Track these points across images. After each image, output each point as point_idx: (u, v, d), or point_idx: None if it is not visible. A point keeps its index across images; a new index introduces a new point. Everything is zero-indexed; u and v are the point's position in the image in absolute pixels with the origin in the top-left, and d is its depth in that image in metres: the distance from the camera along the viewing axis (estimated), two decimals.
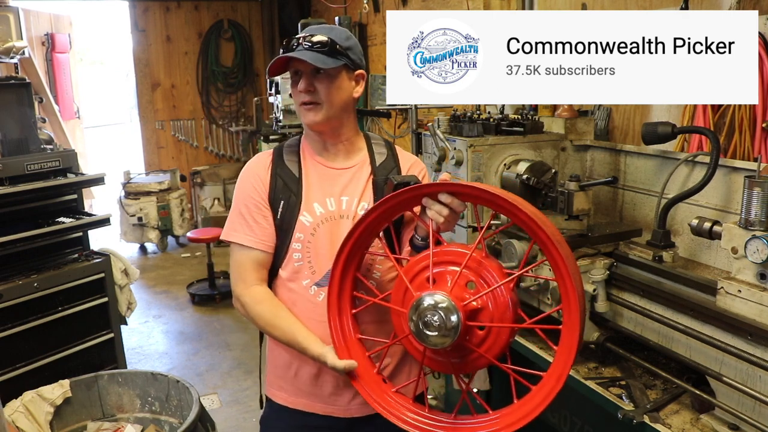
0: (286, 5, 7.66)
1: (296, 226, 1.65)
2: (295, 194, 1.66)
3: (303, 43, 1.57)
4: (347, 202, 1.68)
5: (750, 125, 2.16)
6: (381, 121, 5.37)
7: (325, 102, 1.61)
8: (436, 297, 1.27)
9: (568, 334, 1.25)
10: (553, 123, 2.55)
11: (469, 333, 1.31)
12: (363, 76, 1.69)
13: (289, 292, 1.69)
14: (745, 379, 1.52)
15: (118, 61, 18.17)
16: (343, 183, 1.70)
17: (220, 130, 8.10)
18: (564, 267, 1.21)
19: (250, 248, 1.67)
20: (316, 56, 1.56)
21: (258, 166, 1.72)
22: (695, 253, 2.06)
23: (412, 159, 1.81)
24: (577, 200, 1.99)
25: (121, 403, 2.58)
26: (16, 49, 4.41)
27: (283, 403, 1.77)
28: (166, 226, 7.02)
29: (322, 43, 1.57)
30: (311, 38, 1.57)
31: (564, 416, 2.22)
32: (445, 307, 1.26)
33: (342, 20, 4.91)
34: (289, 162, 1.71)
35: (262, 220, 1.67)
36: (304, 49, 1.56)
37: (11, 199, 3.17)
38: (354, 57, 1.63)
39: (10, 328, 3.06)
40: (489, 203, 1.32)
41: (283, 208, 1.66)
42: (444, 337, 1.27)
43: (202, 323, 5.18)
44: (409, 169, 1.76)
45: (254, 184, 1.68)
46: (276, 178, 1.68)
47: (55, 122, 6.40)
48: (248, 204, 1.68)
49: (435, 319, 1.26)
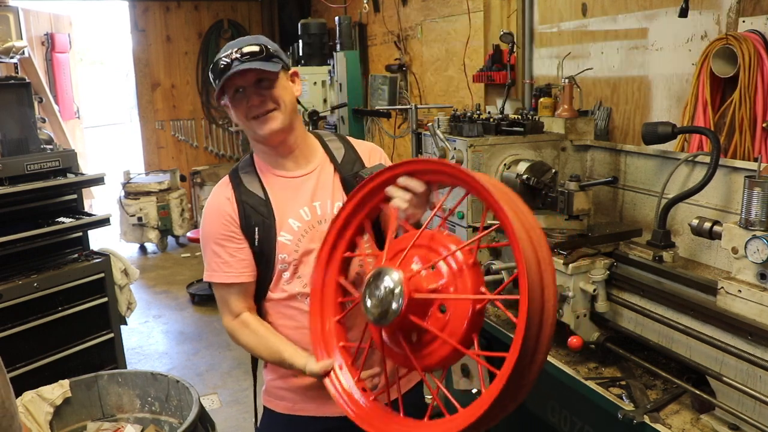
0: (286, 5, 7.66)
1: (277, 248, 1.63)
2: (267, 217, 1.63)
3: (237, 58, 1.54)
4: (321, 206, 1.67)
5: (750, 125, 2.16)
6: (381, 121, 5.37)
7: (280, 105, 1.60)
8: (384, 270, 1.23)
9: (523, 302, 1.07)
10: (553, 123, 2.55)
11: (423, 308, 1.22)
12: (297, 74, 1.69)
13: (285, 309, 1.68)
14: (746, 379, 1.52)
15: (118, 61, 18.17)
16: (310, 189, 1.68)
17: (220, 130, 8.10)
18: (510, 227, 1.10)
19: (232, 284, 1.66)
20: (261, 63, 1.55)
21: (221, 200, 1.67)
22: (695, 253, 2.06)
23: (368, 146, 1.80)
24: (577, 200, 1.99)
25: (121, 403, 2.58)
26: (15, 49, 4.40)
27: (287, 412, 1.76)
28: (166, 226, 7.02)
29: (253, 52, 1.55)
30: (242, 50, 1.55)
31: (564, 416, 2.22)
32: (390, 276, 1.21)
33: (342, 20, 4.90)
34: (249, 185, 1.67)
35: (237, 252, 1.64)
36: (240, 62, 1.54)
37: (11, 199, 3.17)
38: (284, 57, 1.64)
39: (10, 328, 3.07)
40: (440, 175, 1.29)
41: (260, 234, 1.63)
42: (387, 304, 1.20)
43: (202, 323, 5.18)
44: (369, 157, 1.76)
45: (222, 221, 1.64)
46: (243, 206, 1.64)
47: (54, 122, 6.40)
48: (221, 242, 1.64)
49: (380, 290, 1.22)
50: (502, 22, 3.81)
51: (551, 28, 3.34)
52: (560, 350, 2.04)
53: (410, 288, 1.20)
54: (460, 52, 4.33)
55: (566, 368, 1.96)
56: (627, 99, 2.88)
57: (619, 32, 2.88)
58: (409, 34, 5.21)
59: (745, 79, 2.14)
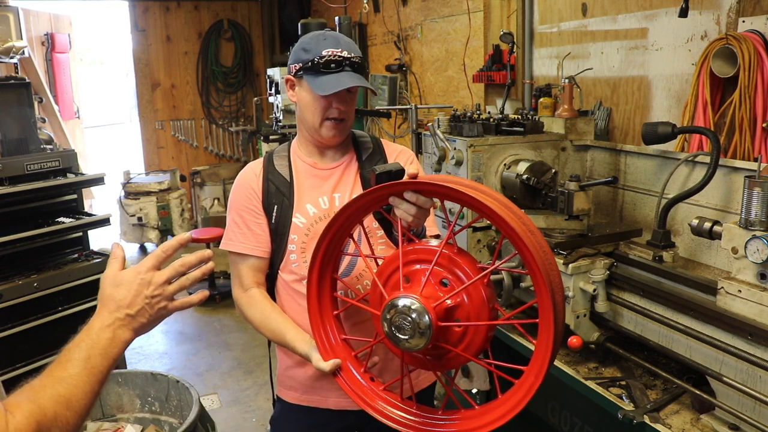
0: (286, 5, 7.66)
1: (291, 228, 1.70)
2: (288, 198, 1.72)
3: (347, 63, 1.61)
4: (339, 198, 1.73)
5: (750, 125, 2.16)
6: (381, 121, 5.37)
7: (348, 120, 1.69)
8: (406, 300, 1.24)
9: (544, 328, 1.19)
10: (553, 123, 2.55)
11: (445, 332, 1.27)
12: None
13: (292, 291, 1.73)
14: (746, 379, 1.52)
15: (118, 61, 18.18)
16: (333, 181, 1.75)
17: (220, 130, 8.10)
18: (532, 259, 1.15)
19: (246, 255, 1.73)
20: (362, 78, 1.62)
21: (249, 175, 1.77)
22: (695, 253, 2.06)
23: (398, 149, 1.84)
24: (577, 200, 1.99)
25: (120, 403, 2.58)
26: (15, 49, 4.40)
27: (294, 401, 1.81)
28: (165, 226, 7.01)
29: (358, 63, 1.64)
30: (352, 58, 1.62)
31: (564, 416, 2.22)
32: (416, 309, 1.22)
33: (342, 20, 4.90)
34: (279, 167, 1.77)
35: (256, 227, 1.73)
36: (352, 70, 1.62)
37: (11, 199, 3.17)
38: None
39: (10, 328, 3.07)
40: (453, 199, 1.29)
41: (277, 213, 1.71)
42: (417, 340, 1.24)
43: (201, 323, 5.19)
44: (396, 158, 1.79)
45: (247, 194, 1.74)
46: (268, 184, 1.74)
47: (54, 122, 6.40)
48: (242, 213, 1.74)
49: (407, 323, 1.23)
50: (502, 22, 3.81)
51: (551, 28, 3.34)
52: (560, 350, 2.04)
53: (436, 318, 1.23)
54: (460, 52, 4.33)
55: (566, 368, 1.96)
56: (627, 99, 2.88)
57: (619, 32, 2.88)
58: (409, 34, 5.21)
59: (745, 79, 2.14)
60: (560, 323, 1.21)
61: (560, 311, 1.21)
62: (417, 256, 1.34)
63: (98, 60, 21.88)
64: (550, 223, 2.03)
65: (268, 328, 1.69)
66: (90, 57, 20.85)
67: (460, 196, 1.23)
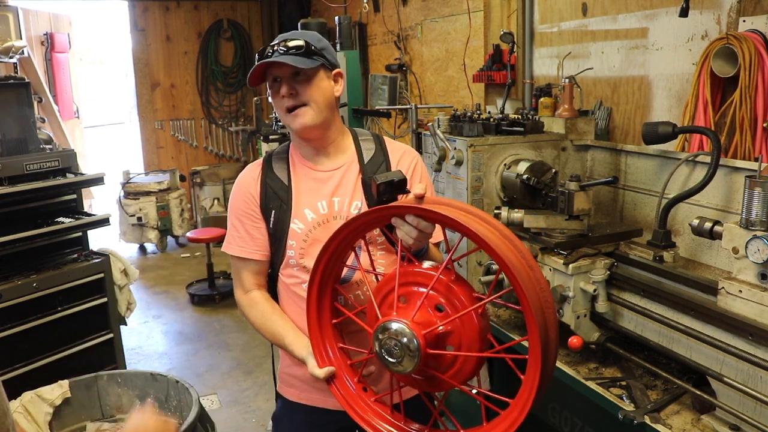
0: (286, 5, 7.66)
1: (288, 233, 1.69)
2: (285, 202, 1.70)
3: (278, 49, 1.59)
4: (339, 202, 1.71)
5: (751, 125, 2.16)
6: (381, 121, 5.37)
7: (310, 102, 1.63)
8: (397, 325, 1.24)
9: (532, 366, 1.17)
10: (554, 123, 2.54)
11: (435, 359, 1.26)
12: (341, 74, 1.71)
13: (292, 294, 1.73)
14: (746, 380, 1.52)
15: (118, 61, 18.18)
16: (333, 185, 1.72)
17: (220, 130, 8.10)
18: (525, 299, 1.14)
19: (246, 259, 1.74)
20: (295, 59, 1.58)
21: (247, 179, 1.75)
22: (696, 253, 2.05)
23: (401, 150, 1.80)
24: (577, 200, 1.99)
25: (120, 404, 2.57)
26: (15, 49, 4.40)
27: (294, 399, 1.82)
28: (165, 226, 7.01)
29: (297, 46, 1.59)
30: (286, 43, 1.60)
31: (564, 416, 2.22)
32: (405, 335, 1.22)
33: (342, 20, 4.90)
34: (278, 170, 1.74)
35: (255, 232, 1.72)
36: (280, 54, 1.58)
37: (10, 199, 3.16)
38: (329, 57, 1.66)
39: (10, 328, 3.06)
40: (454, 228, 1.26)
41: (275, 217, 1.70)
42: (405, 364, 1.24)
43: (201, 323, 5.18)
44: (399, 161, 1.76)
45: (245, 198, 1.73)
46: (266, 188, 1.72)
47: (54, 122, 6.40)
48: (241, 218, 1.74)
49: (396, 347, 1.23)
50: (502, 22, 3.80)
51: (551, 27, 3.34)
52: (560, 350, 2.04)
53: (425, 344, 1.23)
54: (460, 52, 4.33)
55: (566, 368, 1.96)
56: (627, 99, 2.88)
57: (620, 32, 2.88)
58: (409, 34, 5.21)
59: (745, 78, 2.14)
60: (550, 362, 1.20)
61: (551, 351, 1.19)
62: (414, 279, 1.33)
63: (98, 60, 21.88)
64: (550, 223, 2.03)
65: (268, 330, 1.70)
66: (90, 57, 20.84)
67: (460, 227, 1.21)
